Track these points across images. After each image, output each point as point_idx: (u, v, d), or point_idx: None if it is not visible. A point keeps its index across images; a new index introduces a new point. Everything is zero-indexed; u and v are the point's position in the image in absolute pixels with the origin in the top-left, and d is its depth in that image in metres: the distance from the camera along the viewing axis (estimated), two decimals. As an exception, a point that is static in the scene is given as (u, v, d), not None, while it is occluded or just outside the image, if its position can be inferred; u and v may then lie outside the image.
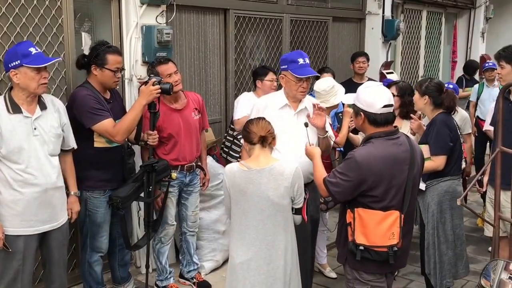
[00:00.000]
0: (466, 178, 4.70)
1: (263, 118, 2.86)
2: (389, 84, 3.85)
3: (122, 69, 3.46)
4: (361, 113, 2.63)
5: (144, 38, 4.01)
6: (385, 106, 2.57)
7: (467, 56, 9.20)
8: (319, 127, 3.27)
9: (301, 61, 3.23)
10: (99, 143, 3.32)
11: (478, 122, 6.17)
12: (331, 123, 3.90)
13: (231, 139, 4.51)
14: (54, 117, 2.95)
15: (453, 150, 3.46)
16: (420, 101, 3.56)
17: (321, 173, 2.75)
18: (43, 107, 2.91)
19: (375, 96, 2.59)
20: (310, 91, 4.06)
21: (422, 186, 3.42)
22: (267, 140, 2.75)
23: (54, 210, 2.94)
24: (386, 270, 2.67)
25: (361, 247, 2.54)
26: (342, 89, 4.08)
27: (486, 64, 6.61)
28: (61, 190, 3.00)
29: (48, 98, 3.00)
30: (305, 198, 2.84)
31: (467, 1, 8.83)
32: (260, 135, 2.73)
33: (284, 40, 5.49)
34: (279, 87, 3.94)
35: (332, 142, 3.48)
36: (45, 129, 2.88)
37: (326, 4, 6.07)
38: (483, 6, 8.99)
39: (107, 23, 4.00)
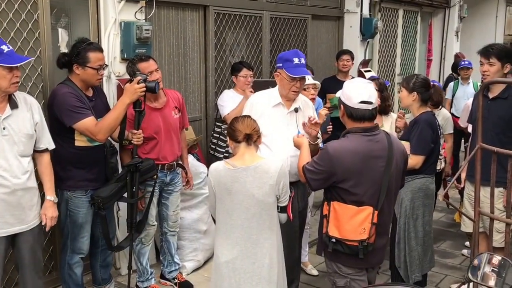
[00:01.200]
0: (446, 178, 4.75)
1: (249, 116, 2.85)
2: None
3: (105, 65, 3.37)
4: (341, 105, 2.68)
5: (122, 35, 3.94)
6: (362, 102, 2.59)
7: (442, 54, 9.37)
8: (311, 135, 3.28)
9: (296, 60, 3.20)
10: (80, 142, 3.24)
11: (453, 120, 6.28)
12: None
13: (217, 135, 4.50)
14: (27, 117, 2.86)
15: (433, 150, 3.48)
16: (408, 98, 3.55)
17: (304, 160, 2.79)
18: (14, 106, 2.81)
19: (355, 91, 2.62)
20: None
21: None
22: (252, 138, 2.73)
23: (23, 212, 2.85)
24: (360, 264, 2.68)
25: (333, 239, 2.59)
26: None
27: (462, 63, 6.74)
28: (32, 192, 2.90)
29: (20, 96, 2.89)
30: (290, 196, 2.84)
31: (442, 0, 8.99)
32: (245, 133, 2.71)
33: (264, 38, 5.48)
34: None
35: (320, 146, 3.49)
36: (15, 129, 2.79)
37: (305, 2, 6.09)
38: (457, 5, 9.16)
39: (84, 19, 3.91)
